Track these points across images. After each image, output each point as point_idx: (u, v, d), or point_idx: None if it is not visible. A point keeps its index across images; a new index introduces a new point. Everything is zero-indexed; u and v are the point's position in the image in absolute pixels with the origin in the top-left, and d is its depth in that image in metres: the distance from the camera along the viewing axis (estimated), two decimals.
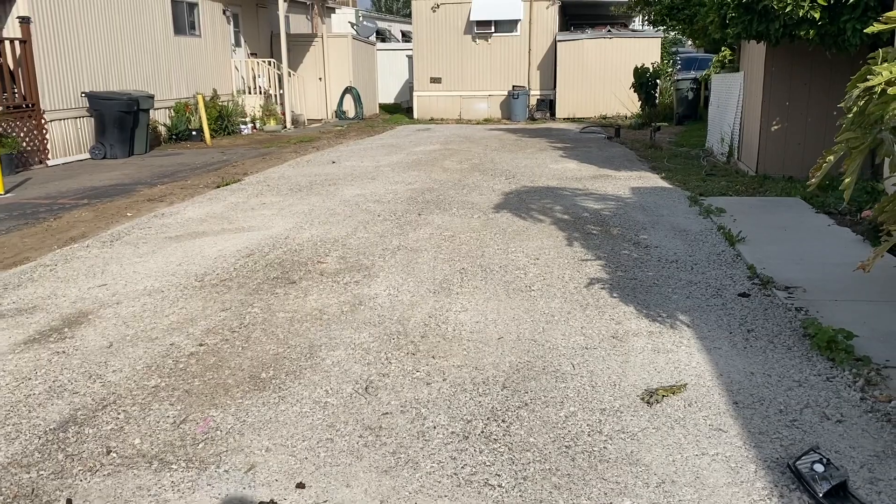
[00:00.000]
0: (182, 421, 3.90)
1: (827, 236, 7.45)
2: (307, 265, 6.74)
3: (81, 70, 14.90)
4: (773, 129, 11.16)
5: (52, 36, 14.13)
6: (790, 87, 10.77)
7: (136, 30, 16.57)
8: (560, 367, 4.45)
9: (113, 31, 15.79)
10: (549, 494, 3.16)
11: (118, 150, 15.02)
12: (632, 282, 6.10)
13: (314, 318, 5.39)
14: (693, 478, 3.26)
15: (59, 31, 14.31)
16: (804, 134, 10.88)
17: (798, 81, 10.73)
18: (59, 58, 14.31)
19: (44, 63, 13.90)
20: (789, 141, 11.06)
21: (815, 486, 3.09)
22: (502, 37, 23.30)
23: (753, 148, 11.68)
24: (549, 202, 9.45)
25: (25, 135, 13.51)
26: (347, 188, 10.71)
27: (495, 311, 5.45)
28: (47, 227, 8.77)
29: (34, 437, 3.76)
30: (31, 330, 5.29)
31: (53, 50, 14.15)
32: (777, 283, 5.92)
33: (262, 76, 21.27)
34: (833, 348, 4.51)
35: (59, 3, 14.31)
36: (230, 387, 4.29)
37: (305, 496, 3.19)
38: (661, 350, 4.68)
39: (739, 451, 3.48)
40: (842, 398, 4.00)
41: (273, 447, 3.60)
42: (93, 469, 3.45)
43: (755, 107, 11.62)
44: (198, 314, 5.52)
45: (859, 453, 3.45)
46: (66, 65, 14.52)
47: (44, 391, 4.29)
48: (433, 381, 4.30)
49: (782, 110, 10.97)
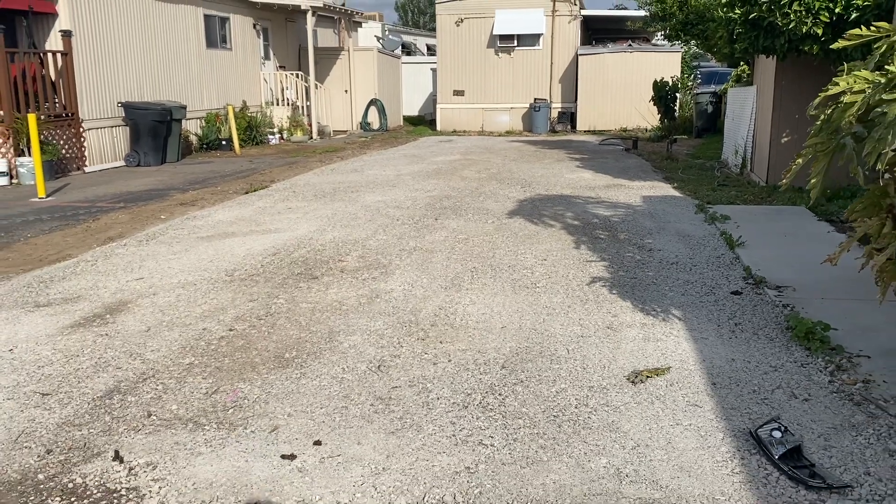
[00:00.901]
0: (214, 392, 4.36)
1: (825, 242, 7.77)
2: (329, 263, 7.21)
3: (118, 81, 15.60)
4: (783, 140, 11.48)
5: (92, 49, 14.85)
6: (799, 100, 11.08)
7: (170, 43, 17.28)
8: (556, 351, 4.86)
9: (148, 43, 16.50)
10: (535, 453, 3.57)
11: (151, 158, 15.67)
12: (632, 280, 6.49)
13: (334, 308, 5.85)
14: (665, 443, 3.66)
15: (98, 44, 15.03)
16: None
17: (807, 95, 10.98)
18: (98, 69, 15.02)
19: (83, 74, 14.60)
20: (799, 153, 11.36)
21: (772, 450, 3.47)
22: (525, 50, 23.78)
23: (764, 159, 12.01)
24: (561, 209, 9.86)
25: (65, 143, 14.20)
26: (369, 195, 11.21)
27: (501, 304, 5.88)
28: (87, 227, 9.35)
29: (84, 403, 4.24)
30: (76, 316, 5.80)
31: (92, 62, 14.86)
32: (769, 283, 6.29)
33: (289, 88, 21.93)
34: (810, 338, 4.88)
35: (99, 18, 15.03)
36: (257, 364, 4.76)
37: (321, 451, 3.64)
38: (650, 339, 5.08)
39: (711, 422, 3.87)
40: (812, 381, 4.38)
41: (294, 413, 4.06)
42: (136, 428, 3.93)
43: (766, 119, 11.96)
44: (227, 304, 6.01)
45: (819, 426, 3.82)
46: (104, 76, 15.22)
47: (90, 366, 4.78)
48: (439, 361, 4.73)
49: (792, 123, 11.29)
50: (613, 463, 3.48)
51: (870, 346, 4.84)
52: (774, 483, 3.29)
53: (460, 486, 3.31)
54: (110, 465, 3.56)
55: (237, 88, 20.15)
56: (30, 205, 10.96)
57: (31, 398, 4.31)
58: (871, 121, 3.76)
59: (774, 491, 3.23)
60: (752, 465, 3.45)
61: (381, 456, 3.58)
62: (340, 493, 3.26)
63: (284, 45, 23.18)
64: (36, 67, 13.81)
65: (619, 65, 22.84)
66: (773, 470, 3.39)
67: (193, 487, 3.35)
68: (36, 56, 13.92)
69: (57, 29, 14.28)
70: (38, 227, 9.30)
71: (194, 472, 3.47)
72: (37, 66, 13.85)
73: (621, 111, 22.94)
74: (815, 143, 4.17)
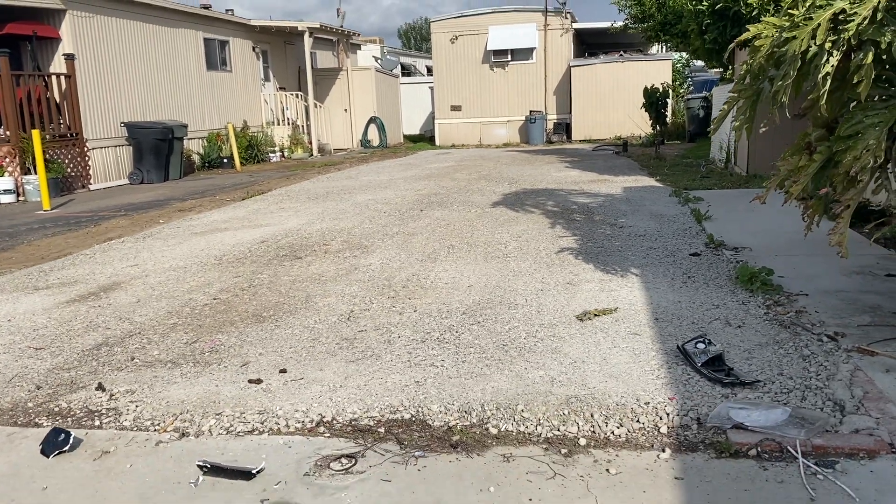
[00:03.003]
0: (193, 342, 4.72)
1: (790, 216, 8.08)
2: (313, 247, 7.58)
3: (121, 102, 16.16)
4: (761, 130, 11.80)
5: (95, 71, 15.42)
6: None
7: (171, 65, 17.86)
8: (515, 301, 5.20)
9: (150, 66, 17.07)
10: (480, 370, 3.91)
11: (154, 176, 16.16)
12: (598, 250, 6.82)
13: (313, 279, 6.21)
14: (601, 360, 3.98)
15: (101, 66, 15.60)
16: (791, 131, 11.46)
17: None
18: (101, 91, 15.58)
19: (87, 96, 15.16)
20: (776, 141, 11.66)
21: (695, 359, 3.79)
22: (519, 64, 24.29)
23: (744, 151, 12.34)
24: (543, 199, 10.22)
25: (70, 161, 14.71)
26: (360, 195, 11.61)
27: (472, 271, 6.22)
28: (88, 231, 9.77)
29: (73, 354, 4.61)
30: (72, 295, 6.19)
31: (95, 84, 15.42)
32: (728, 246, 6.62)
33: (289, 108, 22.49)
34: (753, 281, 5.20)
35: (101, 41, 15.62)
36: (235, 321, 5.11)
37: (286, 377, 3.98)
38: (606, 290, 5.40)
39: (646, 345, 4.19)
40: (748, 314, 4.69)
41: (265, 353, 4.41)
42: (119, 368, 4.28)
43: None
44: (214, 280, 6.38)
45: (747, 344, 4.13)
46: (107, 97, 15.78)
47: (81, 327, 5.15)
48: (405, 311, 5.08)
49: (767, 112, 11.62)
50: (550, 374, 3.80)
51: (810, 288, 5.15)
52: (694, 384, 3.60)
53: (408, 394, 3.64)
54: (93, 393, 3.92)
55: (238, 109, 20.70)
56: (35, 216, 11.41)
57: (25, 352, 4.67)
58: (781, 61, 4.12)
59: (692, 389, 3.54)
60: (676, 372, 3.76)
61: (340, 378, 3.92)
62: (299, 405, 3.60)
63: (284, 67, 23.78)
64: (41, 90, 14.37)
65: (612, 74, 23.28)
66: (695, 375, 3.70)
67: (166, 404, 3.70)
68: (40, 78, 14.48)
69: (60, 52, 14.87)
70: (41, 233, 9.73)
71: (168, 395, 3.82)
72: (41, 88, 14.41)
73: (615, 120, 23.34)
74: (740, 89, 4.52)
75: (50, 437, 3.28)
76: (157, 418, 3.56)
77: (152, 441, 3.34)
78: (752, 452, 2.98)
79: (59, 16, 14.83)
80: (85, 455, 3.24)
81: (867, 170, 3.73)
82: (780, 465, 2.90)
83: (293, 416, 3.47)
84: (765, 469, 2.87)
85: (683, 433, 3.15)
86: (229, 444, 3.27)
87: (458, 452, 3.09)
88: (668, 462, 2.95)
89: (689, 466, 2.90)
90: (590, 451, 3.06)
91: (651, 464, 2.94)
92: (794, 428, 3.07)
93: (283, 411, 3.52)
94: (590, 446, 3.10)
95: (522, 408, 3.40)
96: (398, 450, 3.13)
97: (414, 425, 3.34)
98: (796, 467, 2.86)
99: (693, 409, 3.32)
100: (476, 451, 3.08)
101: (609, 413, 3.32)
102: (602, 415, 3.31)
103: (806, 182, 4.19)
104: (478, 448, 3.11)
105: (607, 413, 3.32)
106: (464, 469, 2.96)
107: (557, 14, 23.90)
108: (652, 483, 2.80)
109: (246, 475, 2.97)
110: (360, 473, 2.96)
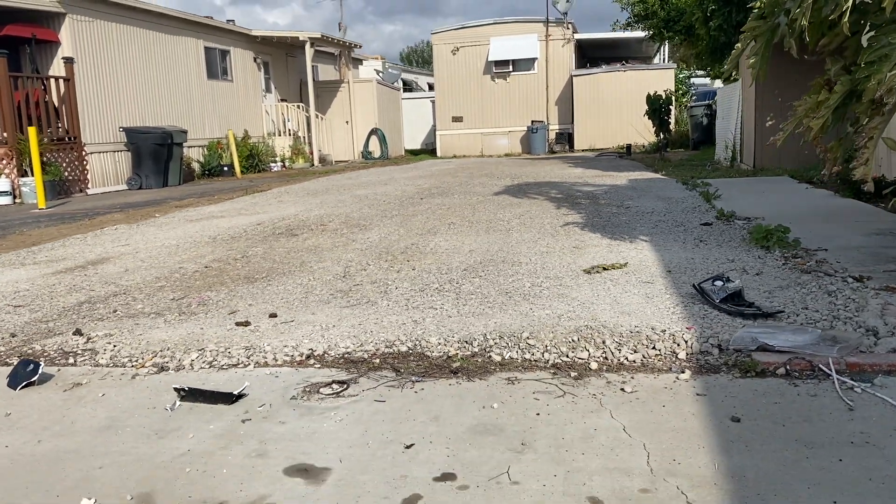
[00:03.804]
0: (180, 298, 4.47)
1: (799, 193, 7.87)
2: (311, 227, 7.36)
3: (120, 108, 16.02)
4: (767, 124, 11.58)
5: (94, 75, 15.29)
6: (780, 80, 11.24)
7: (171, 72, 17.75)
8: (518, 260, 4.96)
9: (150, 73, 16.96)
10: (482, 311, 3.66)
11: (153, 181, 15.97)
12: (605, 223, 6.58)
13: (309, 250, 5.97)
14: (612, 301, 3.73)
15: (100, 71, 15.48)
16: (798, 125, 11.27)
17: (788, 73, 11.21)
18: (100, 96, 15.44)
19: (85, 100, 15.01)
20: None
21: (713, 296, 3.54)
22: (520, 75, 24.19)
23: (751, 147, 12.14)
24: (546, 189, 10.00)
25: (67, 165, 14.53)
26: (360, 190, 11.40)
27: (472, 240, 5.98)
28: (82, 223, 9.55)
29: (53, 311, 4.36)
30: (58, 268, 5.95)
31: (94, 88, 15.29)
32: (739, 217, 6.37)
33: (290, 119, 22.37)
34: (769, 238, 4.95)
35: (101, 46, 15.52)
36: (226, 282, 4.87)
37: (276, 321, 3.73)
38: (615, 252, 5.15)
39: (659, 290, 3.93)
40: (766, 264, 4.44)
41: (254, 303, 4.16)
42: (100, 319, 4.04)
43: (750, 106, 12.13)
44: (206, 254, 6.14)
45: (767, 286, 3.88)
46: (106, 102, 15.64)
47: (64, 290, 4.91)
48: (403, 270, 4.83)
49: (774, 106, 11.40)
50: (556, 312, 3.55)
51: (829, 245, 4.91)
52: (713, 317, 3.35)
53: (405, 331, 3.39)
54: (70, 338, 3.67)
55: (239, 119, 20.57)
56: (29, 214, 11.21)
57: (4, 309, 4.43)
58: None
59: (711, 321, 3.29)
60: (693, 309, 3.51)
61: (333, 320, 3.67)
62: (288, 341, 3.35)
63: (285, 79, 23.71)
64: (39, 93, 14.23)
65: (614, 83, 23.17)
66: (713, 311, 3.45)
67: (146, 343, 3.45)
68: (39, 81, 14.35)
69: (59, 56, 14.75)
70: (34, 226, 9.51)
71: (149, 337, 3.58)
72: (40, 91, 14.27)
73: (618, 129, 23.18)
74: (753, 26, 4.31)
75: (18, 368, 3.03)
76: (135, 356, 3.31)
77: (128, 375, 3.10)
78: (780, 371, 2.73)
79: (59, 19, 14.73)
80: (55, 387, 3.00)
81: (894, 91, 3.50)
82: (811, 382, 2.64)
83: (281, 350, 3.22)
84: (795, 385, 2.62)
85: (704, 358, 2.90)
86: (211, 376, 3.03)
87: (458, 377, 2.84)
88: (689, 382, 2.69)
89: (711, 385, 2.65)
90: (602, 375, 2.80)
91: (670, 384, 2.69)
92: (825, 347, 2.81)
93: (271, 346, 3.28)
94: (602, 370, 2.85)
95: (528, 335, 3.15)
96: (394, 376, 2.88)
97: (411, 356, 3.09)
98: (830, 383, 2.61)
99: (713, 336, 3.07)
100: (478, 377, 2.84)
101: (622, 340, 3.07)
102: (615, 342, 3.05)
103: (827, 115, 3.96)
104: (480, 374, 2.86)
105: (620, 340, 3.07)
106: (465, 391, 2.71)
107: (559, 24, 23.84)
108: (672, 399, 2.55)
109: (227, 398, 2.72)
110: (353, 397, 2.71)
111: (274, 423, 2.52)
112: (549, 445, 2.25)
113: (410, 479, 2.10)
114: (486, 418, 2.46)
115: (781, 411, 2.41)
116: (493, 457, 2.20)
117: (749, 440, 2.23)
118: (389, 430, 2.41)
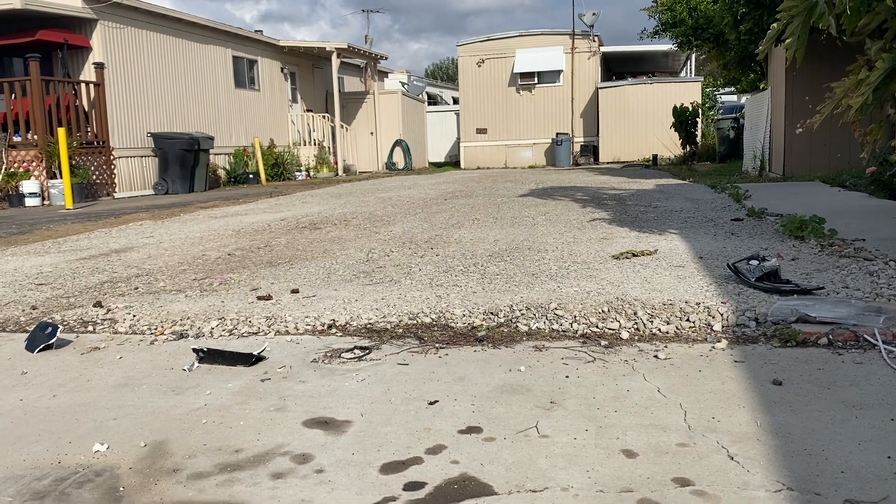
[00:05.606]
0: (202, 279, 4.42)
1: (832, 195, 7.70)
2: (334, 222, 7.31)
3: (148, 114, 16.16)
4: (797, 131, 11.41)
5: (124, 81, 15.45)
6: (812, 87, 11.06)
7: (199, 80, 17.91)
8: (545, 248, 4.86)
9: (178, 79, 17.12)
10: (508, 288, 3.56)
11: (179, 187, 16.06)
12: (632, 220, 6.46)
13: (332, 240, 5.91)
14: (642, 280, 3.62)
15: (130, 77, 15.64)
16: (830, 133, 11.07)
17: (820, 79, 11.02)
18: (129, 101, 15.59)
19: (115, 105, 15.16)
20: (815, 142, 11.28)
21: (748, 275, 3.41)
22: (545, 87, 24.14)
23: (780, 156, 11.96)
24: (571, 192, 9.89)
25: (95, 168, 14.66)
26: (384, 193, 11.37)
27: (497, 233, 5.89)
28: (108, 221, 9.59)
29: (75, 289, 4.33)
30: (83, 255, 5.94)
31: (124, 94, 15.45)
32: (770, 213, 6.23)
33: (316, 129, 22.47)
34: (803, 228, 4.81)
35: (131, 53, 15.69)
36: (248, 266, 4.82)
37: (298, 296, 3.67)
38: (643, 241, 5.04)
39: (691, 273, 3.82)
40: (801, 252, 4.30)
41: (276, 283, 4.10)
42: (122, 295, 4.00)
43: (780, 115, 11.96)
44: (230, 243, 6.11)
45: (804, 269, 3.75)
46: (135, 108, 15.79)
47: (88, 271, 4.89)
48: (426, 255, 4.75)
49: (806, 113, 11.22)
50: (585, 289, 3.45)
51: (867, 236, 4.75)
52: (749, 294, 3.23)
53: (429, 304, 3.31)
54: (90, 310, 3.62)
55: (265, 127, 20.69)
56: (57, 213, 11.29)
57: (27, 287, 4.41)
58: None
59: (747, 297, 3.17)
60: (727, 287, 3.39)
61: (356, 295, 3.60)
62: (310, 313, 3.27)
63: (311, 90, 23.85)
64: (69, 97, 14.40)
65: (640, 95, 23.04)
66: (748, 289, 3.32)
67: (166, 314, 3.39)
68: (70, 86, 14.52)
69: (90, 61, 14.92)
70: (60, 223, 9.56)
71: (169, 309, 3.52)
72: (70, 95, 14.44)
73: (643, 141, 23.02)
74: (790, 6, 4.20)
75: (36, 331, 2.99)
76: (154, 324, 3.26)
77: (147, 341, 3.04)
78: (822, 341, 2.61)
79: (91, 25, 14.92)
80: (73, 351, 2.95)
81: None
82: (855, 351, 2.52)
83: (303, 320, 3.15)
84: (839, 354, 2.49)
85: (741, 330, 2.79)
86: (231, 343, 2.96)
87: (483, 345, 2.74)
88: (726, 351, 2.58)
89: (750, 353, 2.54)
90: (634, 344, 2.70)
91: (706, 352, 2.57)
92: (871, 318, 2.69)
93: (293, 317, 3.21)
94: (633, 340, 2.74)
95: (556, 307, 3.05)
96: (417, 343, 2.80)
97: (435, 327, 3.01)
98: (875, 353, 2.48)
99: (749, 310, 2.95)
100: (504, 345, 2.74)
101: (654, 312, 2.96)
102: (646, 313, 2.95)
103: (867, 93, 3.84)
104: (506, 342, 2.77)
105: (652, 312, 2.96)
106: (490, 356, 2.62)
107: (585, 37, 23.79)
108: (708, 365, 2.43)
109: (246, 359, 2.64)
110: (375, 360, 2.63)
111: (294, 381, 2.44)
112: (579, 404, 2.15)
113: (434, 431, 2.00)
114: (513, 380, 2.36)
115: (826, 376, 2.29)
116: (521, 413, 2.10)
117: (793, 402, 2.11)
118: (413, 389, 2.32)
